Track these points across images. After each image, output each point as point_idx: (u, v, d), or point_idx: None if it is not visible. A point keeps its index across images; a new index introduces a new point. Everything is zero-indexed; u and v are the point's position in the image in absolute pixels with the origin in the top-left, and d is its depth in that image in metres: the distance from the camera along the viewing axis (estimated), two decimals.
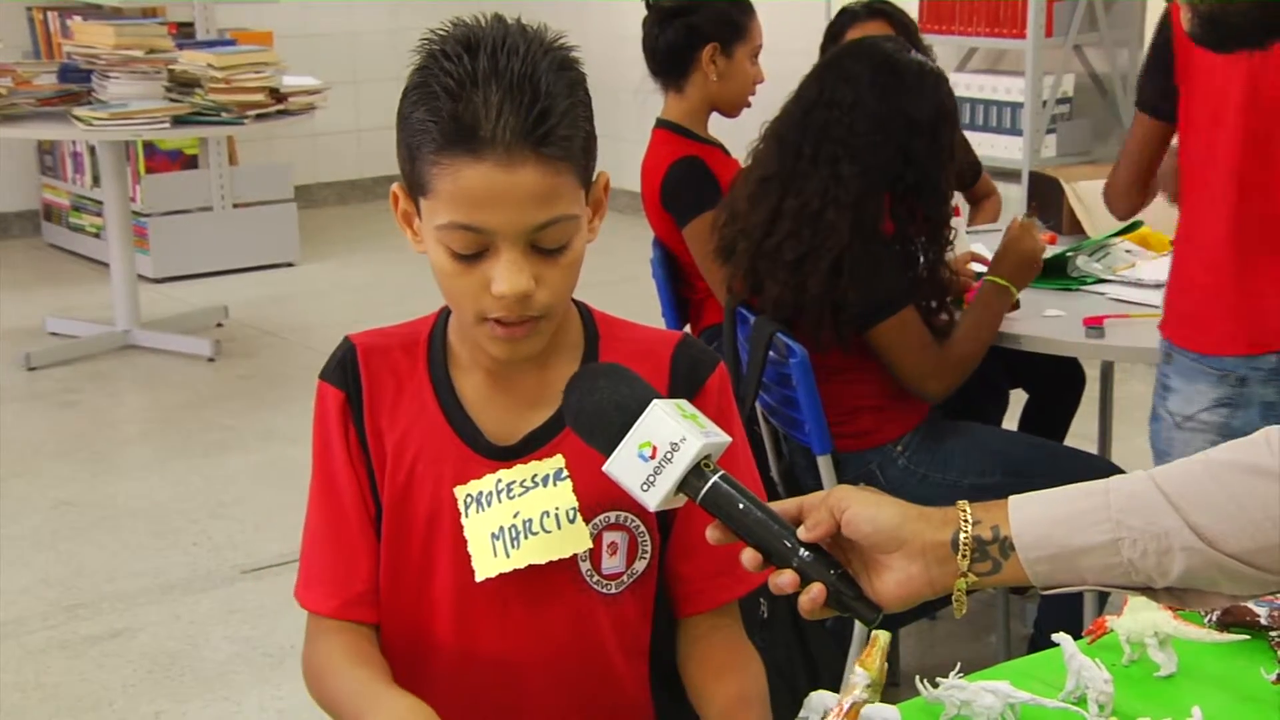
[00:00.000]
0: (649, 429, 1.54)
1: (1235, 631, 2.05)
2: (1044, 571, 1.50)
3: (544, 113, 1.63)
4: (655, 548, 1.85)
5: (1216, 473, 1.48)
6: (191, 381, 6.77)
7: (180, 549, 5.05)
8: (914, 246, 3.51)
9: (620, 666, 1.88)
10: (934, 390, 3.53)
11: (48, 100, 6.76)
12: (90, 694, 4.17)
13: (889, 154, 3.41)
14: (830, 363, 3.45)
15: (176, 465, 5.84)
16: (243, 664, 4.27)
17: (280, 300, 8.00)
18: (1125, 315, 3.64)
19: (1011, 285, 3.56)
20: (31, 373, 6.81)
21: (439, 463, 1.81)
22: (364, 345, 1.86)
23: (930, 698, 1.89)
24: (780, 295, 3.42)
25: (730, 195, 3.67)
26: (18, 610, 4.62)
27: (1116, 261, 3.99)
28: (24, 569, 4.91)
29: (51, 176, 9.02)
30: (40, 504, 5.43)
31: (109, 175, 7.13)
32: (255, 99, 6.74)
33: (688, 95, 4.24)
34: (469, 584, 1.79)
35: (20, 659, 4.36)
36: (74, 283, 8.27)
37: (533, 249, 1.67)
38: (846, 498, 1.54)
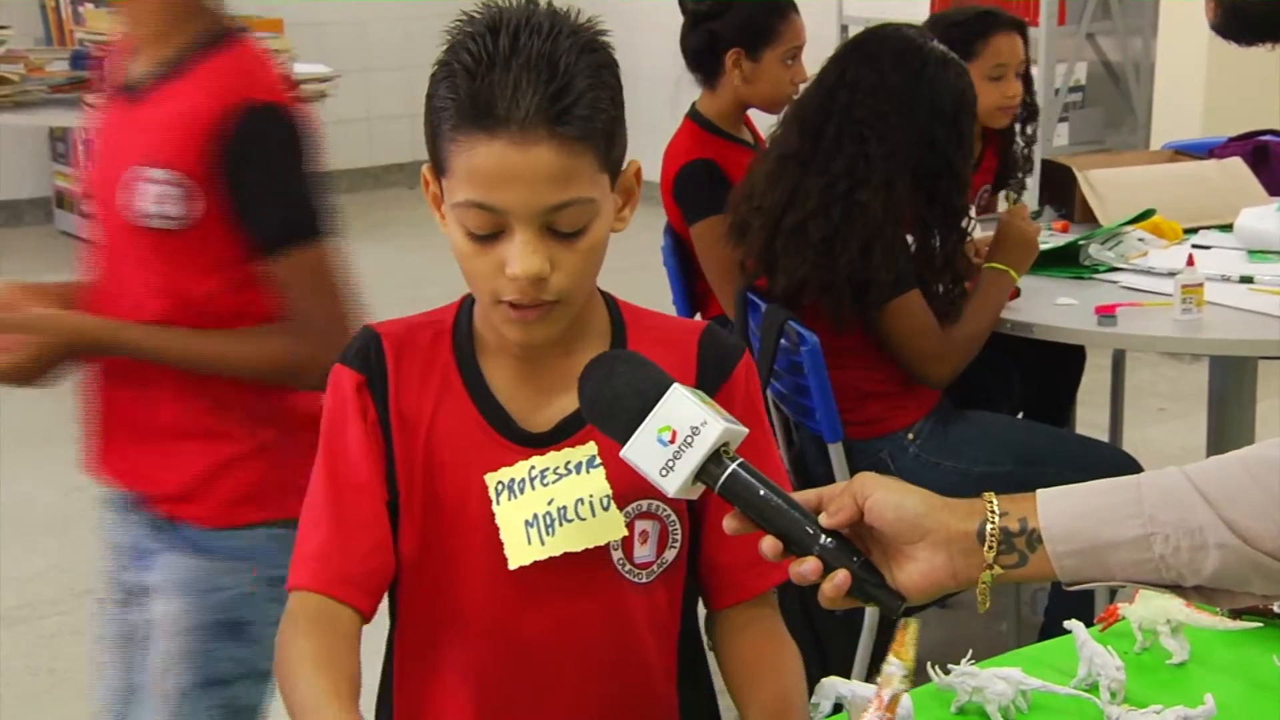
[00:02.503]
0: (669, 413, 1.53)
1: (1247, 619, 2.05)
2: (1072, 566, 1.49)
3: (561, 91, 1.61)
4: (685, 537, 1.83)
5: (1254, 469, 1.47)
6: None
7: None
8: (931, 232, 3.51)
9: (649, 655, 1.87)
10: (937, 374, 3.53)
11: (60, 87, 6.75)
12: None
13: (913, 138, 3.41)
14: (842, 350, 3.45)
15: None
16: None
17: None
18: (1138, 304, 3.63)
19: (1011, 270, 3.57)
20: None
21: (468, 449, 1.79)
22: (388, 332, 1.84)
23: (942, 684, 1.90)
24: (805, 275, 3.42)
25: (747, 175, 3.67)
26: (30, 596, 4.64)
27: (1129, 249, 3.98)
28: (36, 555, 4.93)
29: (63, 163, 9.03)
30: (51, 491, 5.41)
31: None
32: None
33: (719, 94, 4.23)
34: (501, 571, 1.76)
35: (33, 644, 4.38)
36: None
37: (548, 231, 1.65)
38: (870, 485, 1.52)
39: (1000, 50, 4.22)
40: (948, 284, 3.56)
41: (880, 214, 3.39)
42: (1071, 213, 4.39)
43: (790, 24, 4.23)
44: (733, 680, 1.84)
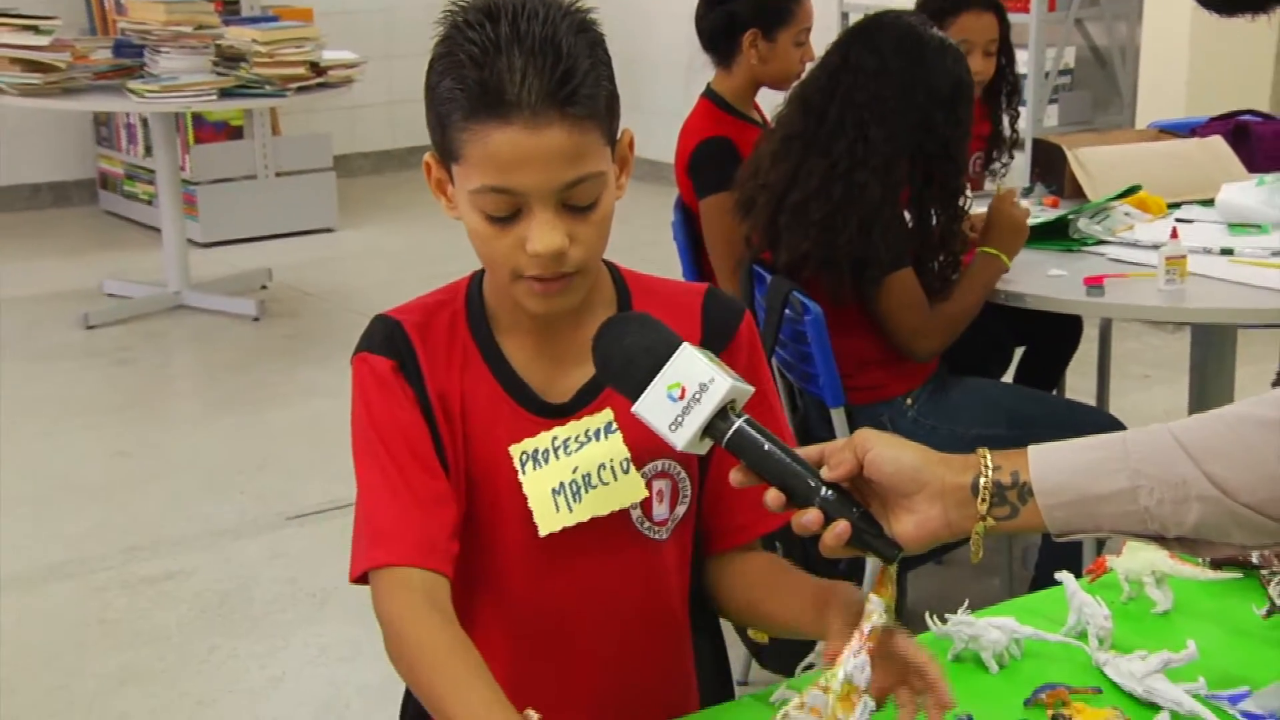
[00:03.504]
0: (679, 370, 1.53)
1: (1228, 570, 2.05)
2: (1061, 518, 1.49)
3: (567, 73, 1.61)
4: (694, 492, 1.84)
5: (1235, 425, 1.47)
6: (238, 340, 6.79)
7: (229, 497, 5.08)
8: (928, 211, 3.52)
9: (669, 607, 1.88)
10: (923, 349, 3.54)
11: (103, 74, 6.78)
12: (149, 630, 4.21)
13: (912, 121, 3.41)
14: (844, 319, 3.46)
15: (224, 419, 5.88)
16: (288, 604, 4.30)
17: (321, 264, 8.01)
18: (1124, 275, 3.64)
19: (1002, 254, 3.57)
20: (90, 331, 6.84)
21: (493, 422, 1.78)
22: (407, 318, 1.82)
23: (940, 633, 1.90)
24: (807, 250, 3.43)
25: (754, 154, 3.68)
26: (81, 552, 4.67)
27: (1116, 224, 3.99)
28: (86, 514, 4.96)
29: (107, 147, 9.03)
30: (98, 455, 5.47)
31: (160, 145, 7.15)
32: (296, 72, 6.75)
33: (734, 74, 4.23)
34: (532, 538, 1.76)
35: (84, 597, 4.40)
36: (128, 247, 8.29)
37: (564, 207, 1.65)
38: (870, 439, 1.53)
39: (966, 27, 4.23)
40: (943, 261, 3.57)
41: (879, 194, 3.39)
42: (1061, 189, 4.39)
43: (803, 6, 4.25)
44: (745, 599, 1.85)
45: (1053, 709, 1.71)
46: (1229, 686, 1.78)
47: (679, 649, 1.93)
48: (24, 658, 4.07)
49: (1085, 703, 1.71)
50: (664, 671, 1.91)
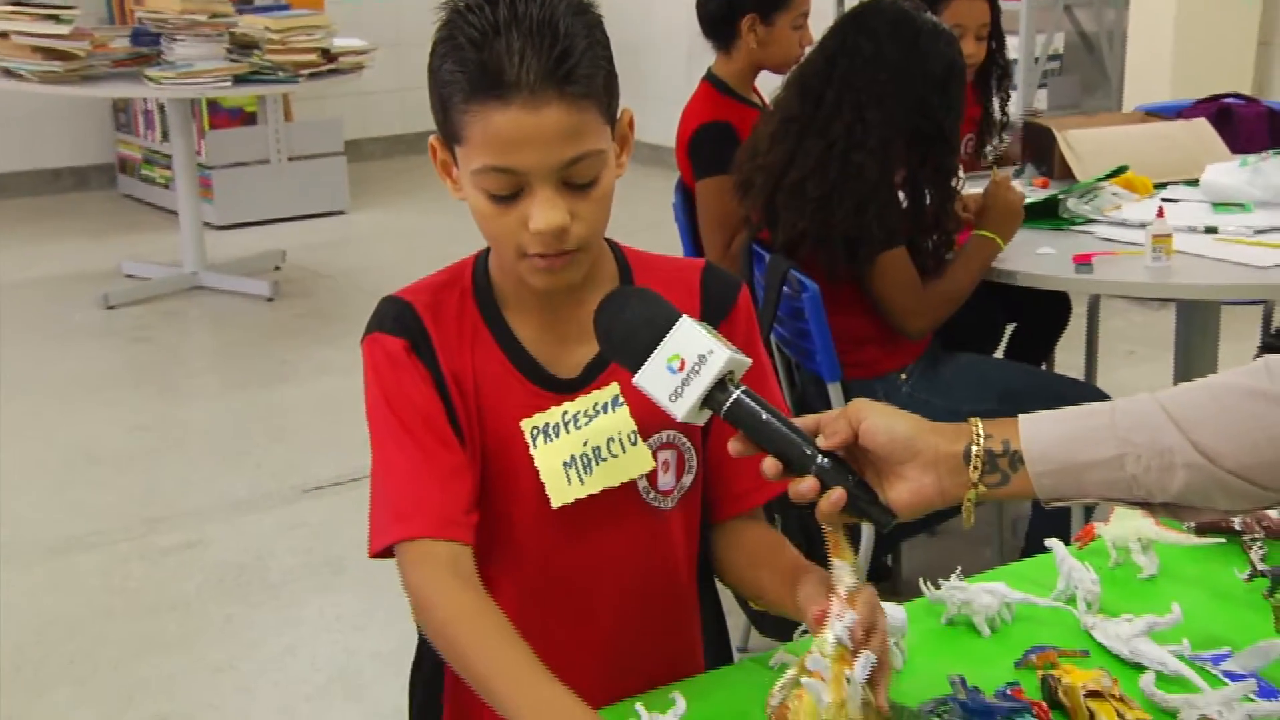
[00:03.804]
0: (678, 342, 1.53)
1: (1211, 536, 2.07)
2: (1050, 485, 1.49)
3: (565, 53, 1.60)
4: (699, 463, 1.84)
5: (1218, 395, 1.47)
6: (253, 319, 6.80)
7: (244, 470, 5.09)
8: (922, 192, 3.52)
9: (675, 573, 1.88)
10: (915, 327, 3.54)
11: (121, 62, 6.78)
12: (169, 598, 4.22)
13: (907, 104, 3.41)
14: (840, 297, 3.46)
15: (240, 395, 5.89)
16: (304, 574, 4.31)
17: (332, 245, 8.01)
18: (1112, 253, 3.63)
19: (997, 237, 3.57)
20: (110, 311, 6.85)
21: (505, 398, 1.78)
22: (416, 297, 1.81)
23: (933, 598, 1.91)
24: (804, 229, 3.43)
25: (752, 135, 3.68)
26: (102, 523, 4.68)
27: (1104, 203, 3.98)
28: (107, 487, 4.97)
29: (125, 132, 9.03)
30: (118, 430, 5.47)
31: (177, 131, 7.16)
32: (308, 59, 6.75)
33: (734, 58, 4.23)
34: (544, 509, 1.76)
35: (107, 566, 4.42)
36: (146, 230, 8.30)
37: (565, 185, 1.64)
38: (864, 409, 1.52)
39: (959, 13, 4.23)
40: (936, 240, 3.57)
41: (875, 174, 3.39)
42: (1051, 170, 4.38)
43: None
44: (740, 570, 1.85)
45: (1042, 670, 1.71)
46: (1212, 648, 1.78)
47: (686, 615, 1.94)
48: (48, 625, 4.08)
49: (1073, 664, 1.71)
50: (671, 636, 1.92)
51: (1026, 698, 1.65)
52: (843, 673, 1.41)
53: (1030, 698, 1.65)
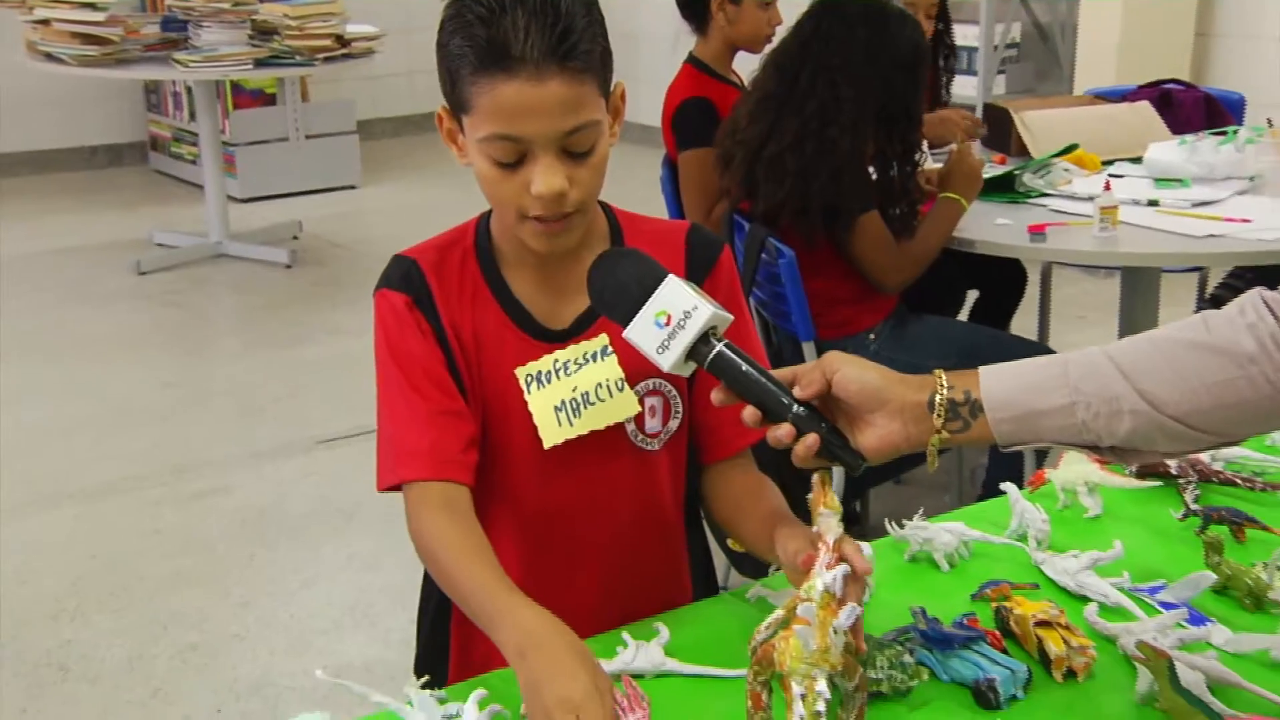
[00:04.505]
0: (665, 299, 1.52)
1: (1150, 479, 2.07)
2: (1008, 431, 1.49)
3: (566, 30, 1.59)
4: (685, 409, 1.84)
5: (1161, 347, 1.47)
6: (272, 285, 6.79)
7: (265, 423, 5.10)
8: (889, 164, 3.52)
9: (662, 510, 1.88)
10: (892, 282, 3.55)
11: (152, 46, 6.76)
12: (196, 540, 4.23)
13: (877, 83, 3.41)
14: (814, 263, 3.46)
15: (260, 354, 5.88)
16: (319, 518, 4.32)
17: (346, 217, 7.99)
18: (1064, 223, 3.64)
19: (961, 198, 3.57)
20: (141, 277, 6.84)
21: (501, 348, 1.78)
22: (422, 256, 1.81)
23: (898, 536, 1.91)
24: (783, 199, 3.43)
25: (732, 113, 3.67)
26: (135, 471, 4.69)
27: (1056, 178, 3.99)
28: (139, 438, 4.97)
29: (156, 112, 9.00)
30: (149, 385, 5.47)
31: (203, 110, 7.14)
32: (324, 44, 6.73)
33: (710, 38, 4.21)
34: (538, 450, 1.76)
35: (139, 510, 4.43)
36: (175, 202, 8.27)
37: (564, 153, 1.64)
38: (837, 361, 1.52)
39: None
40: (903, 207, 3.57)
41: (847, 147, 3.39)
42: (1008, 147, 4.39)
43: None
44: (725, 513, 1.85)
45: (996, 602, 1.71)
46: (1149, 580, 1.80)
47: (673, 549, 1.93)
48: (89, 562, 4.09)
49: (1025, 596, 1.72)
50: (660, 569, 1.92)
51: (981, 627, 1.65)
52: (829, 620, 1.41)
53: (985, 627, 1.66)
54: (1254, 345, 1.42)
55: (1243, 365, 1.42)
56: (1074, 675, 1.59)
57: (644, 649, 1.63)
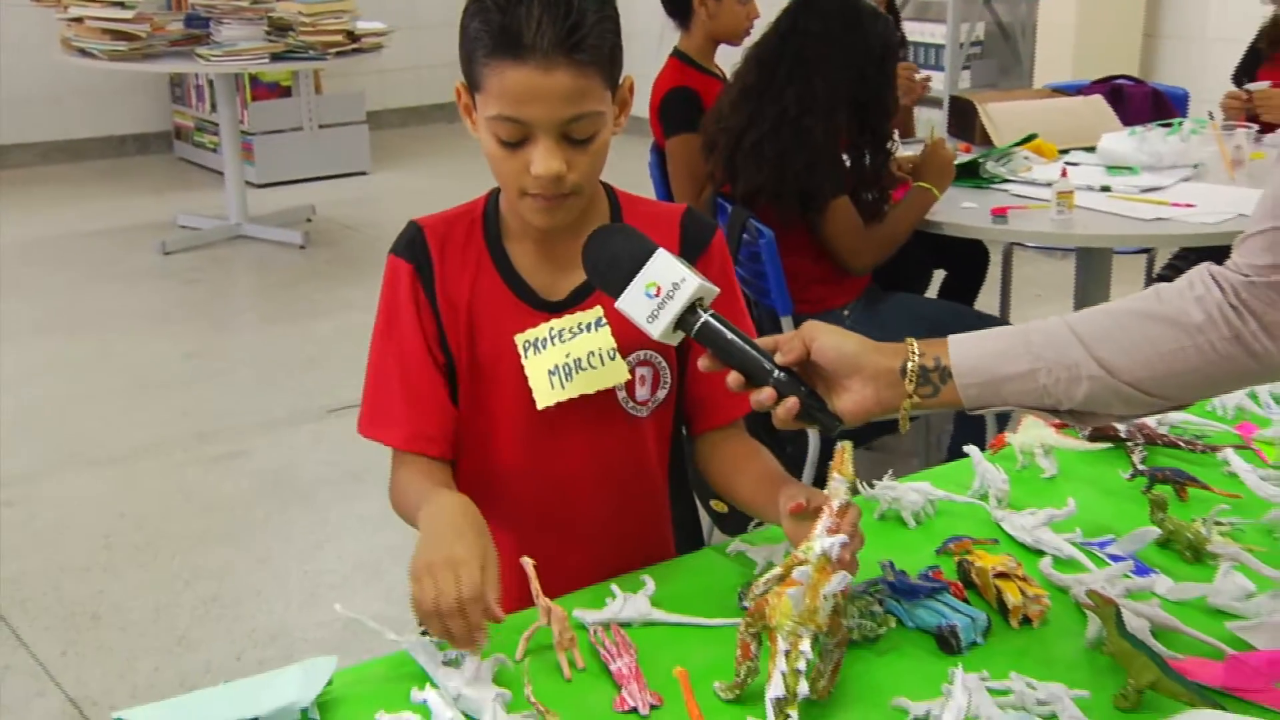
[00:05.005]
0: (655, 271, 1.52)
1: (1101, 442, 2.08)
2: (974, 395, 1.48)
3: (576, 24, 1.59)
4: (674, 379, 1.83)
5: (1117, 317, 1.47)
6: (287, 264, 6.76)
7: (279, 392, 5.09)
8: (862, 152, 3.52)
9: (649, 474, 1.87)
10: (860, 264, 3.54)
11: (177, 42, 6.73)
12: (217, 500, 4.22)
13: (850, 76, 3.40)
14: (792, 243, 3.45)
15: (276, 328, 5.87)
16: (329, 481, 4.32)
17: (356, 201, 7.96)
18: (1024, 207, 3.64)
19: (934, 188, 3.57)
20: (166, 257, 6.82)
21: (500, 317, 1.78)
22: (430, 225, 1.81)
23: (868, 495, 1.91)
24: (761, 184, 3.43)
25: (716, 103, 3.67)
26: (161, 436, 4.68)
27: (1017, 166, 3.99)
28: (163, 406, 4.97)
29: (180, 104, 8.96)
30: (174, 357, 5.46)
31: (223, 102, 7.12)
32: (336, 40, 6.72)
33: (693, 32, 4.20)
34: (531, 413, 1.76)
35: (165, 472, 4.43)
36: (198, 187, 8.24)
37: (565, 138, 1.63)
38: (816, 330, 1.52)
39: None
40: (874, 193, 3.57)
41: (822, 136, 3.39)
42: (973, 137, 4.39)
43: None
44: (721, 475, 1.84)
45: (958, 556, 1.72)
46: (1099, 535, 1.80)
47: (658, 510, 1.93)
48: (119, 520, 4.09)
49: (985, 551, 1.72)
50: (645, 529, 1.91)
51: (945, 579, 1.66)
52: (821, 584, 1.41)
53: (948, 578, 1.66)
54: (1202, 316, 1.43)
55: (1191, 334, 1.43)
56: (1029, 622, 1.60)
57: (631, 600, 1.63)
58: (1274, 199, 1.43)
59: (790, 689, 1.36)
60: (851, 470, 1.49)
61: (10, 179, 8.35)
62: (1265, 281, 1.41)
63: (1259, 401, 2.21)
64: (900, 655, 1.55)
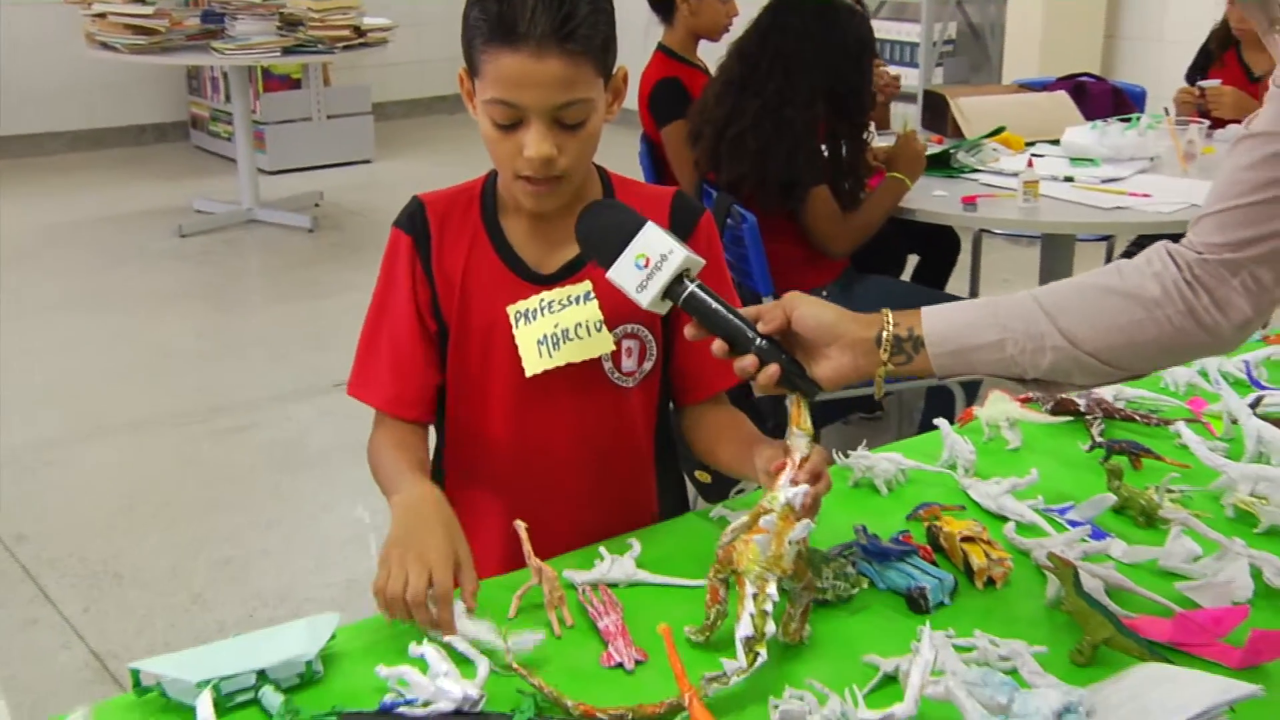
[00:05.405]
0: (644, 243, 1.51)
1: (1062, 416, 2.08)
2: (945, 363, 1.48)
3: (569, 15, 1.58)
4: (659, 353, 1.82)
5: (1081, 291, 1.46)
6: (296, 247, 6.74)
7: (289, 367, 5.08)
8: (839, 143, 3.51)
9: (635, 443, 1.86)
10: (838, 249, 3.54)
11: (193, 36, 6.71)
12: (229, 470, 4.22)
13: (828, 70, 3.40)
14: (773, 228, 3.45)
15: (285, 307, 5.86)
16: (336, 451, 4.31)
17: (361, 188, 7.94)
18: (993, 195, 3.65)
19: (906, 178, 3.56)
20: (182, 239, 6.79)
21: (492, 288, 1.77)
22: (431, 201, 1.81)
23: (843, 464, 1.91)
24: (744, 173, 3.43)
25: (701, 96, 3.67)
26: (177, 409, 4.68)
27: (986, 156, 3.99)
28: (179, 380, 4.96)
29: (196, 95, 8.92)
30: (187, 336, 5.44)
31: (237, 93, 7.08)
32: (343, 34, 6.69)
33: (676, 28, 4.19)
34: (520, 381, 1.75)
35: (180, 443, 4.42)
36: (212, 174, 8.21)
37: (556, 124, 1.63)
38: (796, 300, 1.51)
39: None
40: (850, 182, 3.57)
41: (802, 128, 3.38)
42: (945, 129, 4.39)
43: None
44: (706, 442, 1.83)
45: (928, 521, 1.72)
46: (1059, 502, 1.81)
47: (643, 478, 1.91)
48: (137, 486, 4.08)
49: (952, 516, 1.72)
50: (630, 495, 1.90)
51: (914, 542, 1.66)
52: (786, 531, 1.41)
53: (918, 542, 1.67)
54: (1159, 291, 1.43)
55: (1149, 308, 1.43)
56: (993, 583, 1.60)
57: (618, 561, 1.63)
58: (1226, 182, 1.43)
59: (759, 629, 1.37)
60: (809, 424, 1.49)
61: (41, 165, 8.33)
62: (1217, 259, 1.42)
63: (1208, 379, 2.22)
64: (872, 614, 1.55)
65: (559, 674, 1.41)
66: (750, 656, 1.35)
